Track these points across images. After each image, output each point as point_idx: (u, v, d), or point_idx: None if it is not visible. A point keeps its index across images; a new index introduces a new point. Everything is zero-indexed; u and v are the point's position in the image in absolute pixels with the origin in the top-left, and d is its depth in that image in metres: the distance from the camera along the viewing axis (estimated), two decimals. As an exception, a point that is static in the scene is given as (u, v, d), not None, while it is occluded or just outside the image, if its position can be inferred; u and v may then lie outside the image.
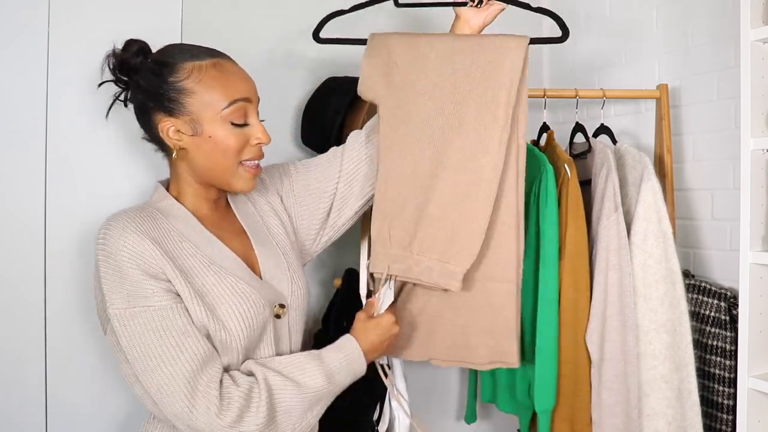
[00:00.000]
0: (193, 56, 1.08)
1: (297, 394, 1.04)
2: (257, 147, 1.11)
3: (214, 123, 1.06)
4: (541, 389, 1.43)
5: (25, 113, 1.34)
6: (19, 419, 1.33)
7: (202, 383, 0.98)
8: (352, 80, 1.59)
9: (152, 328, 0.99)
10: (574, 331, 1.43)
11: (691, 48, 1.63)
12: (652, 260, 1.40)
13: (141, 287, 0.99)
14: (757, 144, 1.26)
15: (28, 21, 1.34)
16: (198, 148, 1.08)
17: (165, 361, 0.98)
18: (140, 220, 1.04)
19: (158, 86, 1.06)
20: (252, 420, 0.99)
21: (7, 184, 1.33)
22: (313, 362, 1.09)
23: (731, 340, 1.43)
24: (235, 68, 1.11)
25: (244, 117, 1.08)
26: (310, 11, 1.72)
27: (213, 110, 1.06)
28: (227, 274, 1.07)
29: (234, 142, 1.07)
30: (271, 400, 1.01)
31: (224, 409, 0.98)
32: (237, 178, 1.10)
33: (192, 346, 0.99)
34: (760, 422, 1.27)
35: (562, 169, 1.47)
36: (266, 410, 1.00)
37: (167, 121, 1.07)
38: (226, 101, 1.06)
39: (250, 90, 1.10)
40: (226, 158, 1.08)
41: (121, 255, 0.99)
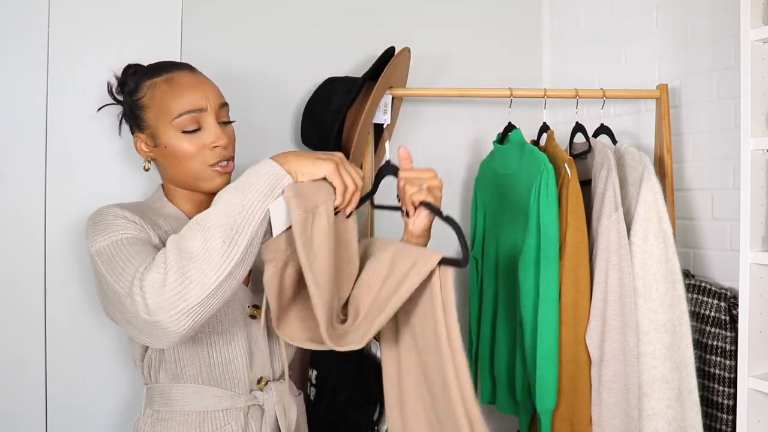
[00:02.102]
0: (152, 74, 1.16)
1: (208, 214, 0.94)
2: (216, 150, 1.14)
3: (168, 133, 1.13)
4: (541, 389, 1.43)
5: (25, 113, 1.34)
6: (19, 419, 1.33)
7: (139, 273, 0.93)
8: (352, 80, 1.60)
9: (117, 249, 0.99)
10: (575, 331, 1.43)
11: (691, 48, 1.63)
12: (652, 260, 1.40)
13: (116, 224, 1.03)
14: (757, 144, 1.26)
15: (28, 22, 1.34)
16: (162, 157, 1.15)
17: (125, 264, 0.95)
18: (130, 207, 1.11)
19: (128, 105, 1.18)
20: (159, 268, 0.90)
21: (7, 183, 1.33)
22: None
23: (731, 340, 1.43)
24: (190, 80, 1.15)
25: (196, 124, 1.13)
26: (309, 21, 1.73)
27: (165, 122, 1.13)
28: None
29: (189, 148, 1.12)
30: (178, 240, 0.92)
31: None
32: (204, 180, 1.15)
33: (147, 252, 0.97)
34: (760, 422, 1.27)
35: (562, 169, 1.47)
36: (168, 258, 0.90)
37: (137, 135, 1.18)
38: (175, 113, 1.12)
39: (201, 99, 1.13)
40: (187, 163, 1.13)
41: (104, 214, 1.06)
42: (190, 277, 0.87)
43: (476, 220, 1.78)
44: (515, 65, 2.03)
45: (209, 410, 1.11)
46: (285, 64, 1.66)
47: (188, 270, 0.87)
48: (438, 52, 1.89)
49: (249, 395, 1.14)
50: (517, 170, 1.58)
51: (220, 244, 0.89)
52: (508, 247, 1.61)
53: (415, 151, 1.87)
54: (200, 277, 0.88)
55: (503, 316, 1.62)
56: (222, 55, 1.55)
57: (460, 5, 1.93)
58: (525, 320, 1.46)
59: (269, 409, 1.15)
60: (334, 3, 1.73)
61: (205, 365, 1.11)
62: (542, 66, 2.09)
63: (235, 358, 1.13)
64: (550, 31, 2.08)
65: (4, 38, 1.32)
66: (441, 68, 1.89)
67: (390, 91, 1.63)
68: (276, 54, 1.65)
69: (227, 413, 1.12)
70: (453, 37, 1.92)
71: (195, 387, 1.12)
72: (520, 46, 2.05)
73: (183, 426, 1.10)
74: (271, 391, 1.16)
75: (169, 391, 1.12)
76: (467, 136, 1.94)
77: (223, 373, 1.13)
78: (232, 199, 0.93)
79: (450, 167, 1.93)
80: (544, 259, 1.43)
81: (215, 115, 1.14)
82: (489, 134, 1.82)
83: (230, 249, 0.90)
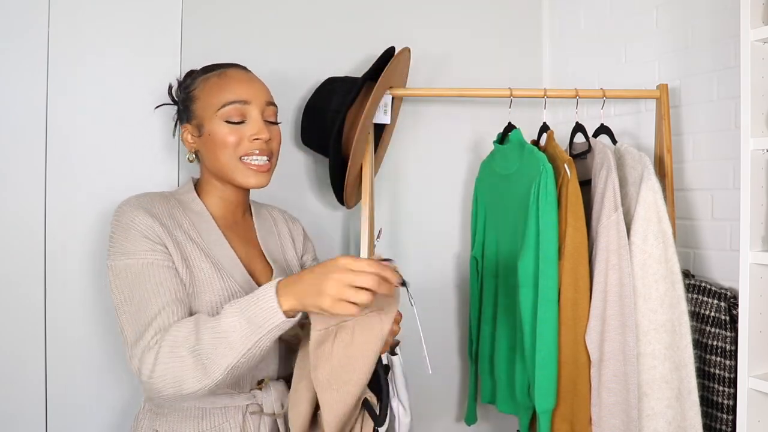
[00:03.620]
0: (208, 71, 1.22)
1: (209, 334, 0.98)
2: (255, 142, 1.17)
3: (213, 122, 1.16)
4: (541, 389, 1.43)
5: (25, 113, 1.34)
6: (19, 419, 1.33)
7: (148, 335, 0.99)
8: (352, 80, 1.60)
9: (136, 276, 1.04)
10: (574, 331, 1.43)
11: (691, 48, 1.63)
12: (652, 260, 1.40)
13: (137, 245, 1.07)
14: (757, 144, 1.26)
15: (28, 22, 1.34)
16: (204, 146, 1.19)
17: (142, 304, 1.02)
18: (155, 203, 1.14)
19: (182, 99, 1.23)
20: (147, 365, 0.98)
21: (7, 183, 1.33)
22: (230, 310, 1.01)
23: (731, 340, 1.43)
24: (240, 75, 1.20)
25: (240, 116, 1.17)
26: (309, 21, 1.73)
27: (211, 111, 1.17)
28: (222, 269, 1.13)
29: (231, 137, 1.16)
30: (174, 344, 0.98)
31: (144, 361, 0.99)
32: (237, 172, 1.17)
33: (160, 296, 1.03)
34: (760, 422, 1.27)
35: (562, 169, 1.47)
36: (160, 356, 0.97)
37: (185, 127, 1.22)
38: (222, 103, 1.16)
39: (250, 92, 1.18)
40: (226, 153, 1.16)
41: (130, 222, 1.08)
42: (188, 382, 0.96)
43: (476, 220, 1.78)
44: (515, 65, 2.03)
45: (208, 407, 1.11)
46: (285, 64, 1.66)
47: (190, 377, 0.96)
48: (438, 52, 1.89)
49: (248, 394, 1.14)
50: (517, 170, 1.58)
51: (225, 366, 0.95)
52: (507, 247, 1.61)
53: (416, 151, 1.89)
54: (196, 384, 0.96)
55: (503, 316, 1.62)
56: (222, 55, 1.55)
57: (460, 5, 1.93)
58: (525, 320, 1.46)
59: (268, 408, 1.15)
60: (334, 3, 1.73)
61: None
62: (542, 66, 2.09)
63: None
64: (550, 31, 2.08)
65: (4, 38, 1.32)
66: (441, 68, 1.89)
67: (390, 91, 1.63)
68: (276, 54, 1.65)
69: (226, 411, 1.12)
70: (453, 37, 1.92)
71: None
72: (520, 46, 2.05)
73: (181, 421, 1.10)
74: (270, 390, 1.16)
75: None
76: (467, 136, 1.94)
77: None
78: (241, 328, 0.95)
79: (450, 167, 1.93)
80: (544, 259, 1.43)
81: (261, 110, 1.18)
82: (489, 134, 1.83)
83: (234, 370, 0.96)
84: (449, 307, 1.94)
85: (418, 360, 1.85)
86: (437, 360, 1.92)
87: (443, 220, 1.92)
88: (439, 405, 1.94)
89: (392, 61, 1.53)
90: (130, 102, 1.44)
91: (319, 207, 1.73)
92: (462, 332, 1.95)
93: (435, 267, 1.91)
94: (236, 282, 1.13)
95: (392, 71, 1.56)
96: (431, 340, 1.91)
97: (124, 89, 1.43)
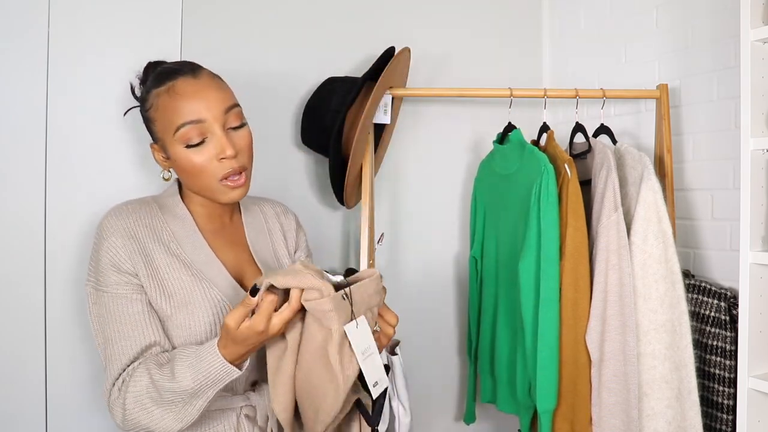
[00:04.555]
0: (158, 83, 1.11)
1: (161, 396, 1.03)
2: (226, 161, 1.08)
3: (173, 146, 1.09)
4: (542, 389, 1.43)
5: (25, 113, 1.34)
6: (19, 419, 1.33)
7: (115, 387, 1.05)
8: (352, 80, 1.60)
9: (107, 310, 1.07)
10: (574, 331, 1.43)
11: (691, 48, 1.63)
12: (652, 260, 1.40)
13: (108, 277, 1.08)
14: (757, 144, 1.26)
15: (28, 21, 1.34)
16: (178, 170, 1.13)
17: (109, 342, 1.07)
18: (135, 215, 1.12)
19: (142, 116, 1.16)
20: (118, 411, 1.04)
21: (7, 183, 1.33)
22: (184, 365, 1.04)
23: (731, 340, 1.43)
24: (188, 88, 1.08)
25: (199, 136, 1.07)
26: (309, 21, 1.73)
27: (169, 135, 1.09)
28: (203, 279, 1.11)
29: (197, 162, 1.08)
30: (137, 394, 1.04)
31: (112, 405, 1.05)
32: (219, 193, 1.11)
33: (134, 336, 1.06)
34: (760, 422, 1.27)
35: (562, 169, 1.47)
36: (127, 403, 1.03)
37: (153, 147, 1.16)
38: (175, 126, 1.07)
39: (202, 108, 1.07)
40: (199, 178, 1.09)
41: (104, 248, 1.09)
42: (159, 428, 1.02)
43: (476, 220, 1.78)
44: (515, 65, 2.03)
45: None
46: (285, 64, 1.66)
47: (161, 425, 1.01)
48: (438, 52, 1.89)
49: (242, 396, 1.14)
50: (517, 170, 1.58)
51: (192, 415, 1.02)
52: (508, 247, 1.61)
53: (416, 151, 1.88)
54: (169, 428, 1.02)
55: (503, 316, 1.62)
56: (222, 55, 1.55)
57: (460, 5, 1.93)
58: (525, 320, 1.46)
59: (261, 410, 1.14)
60: (334, 3, 1.73)
61: None
62: (542, 66, 2.09)
63: None
64: (550, 31, 2.08)
65: (4, 38, 1.32)
66: (441, 68, 1.89)
67: (390, 91, 1.63)
68: (276, 54, 1.65)
69: (220, 413, 1.11)
70: (453, 37, 1.92)
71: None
72: (520, 46, 2.05)
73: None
74: (264, 392, 1.15)
75: None
76: (467, 136, 1.94)
77: None
78: (194, 385, 0.99)
79: (450, 167, 1.93)
80: (544, 259, 1.43)
81: (221, 122, 1.08)
82: (489, 134, 1.83)
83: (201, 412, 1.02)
84: (449, 307, 1.94)
85: (418, 359, 1.85)
86: (437, 360, 1.92)
87: (443, 220, 1.92)
88: (438, 404, 1.94)
89: (392, 61, 1.53)
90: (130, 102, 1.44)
91: (319, 207, 1.73)
92: (461, 332, 1.95)
93: (434, 266, 1.91)
94: (219, 290, 1.11)
95: (392, 71, 1.56)
96: (431, 339, 1.92)
97: (124, 89, 1.43)
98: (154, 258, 1.09)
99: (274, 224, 1.29)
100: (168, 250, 1.11)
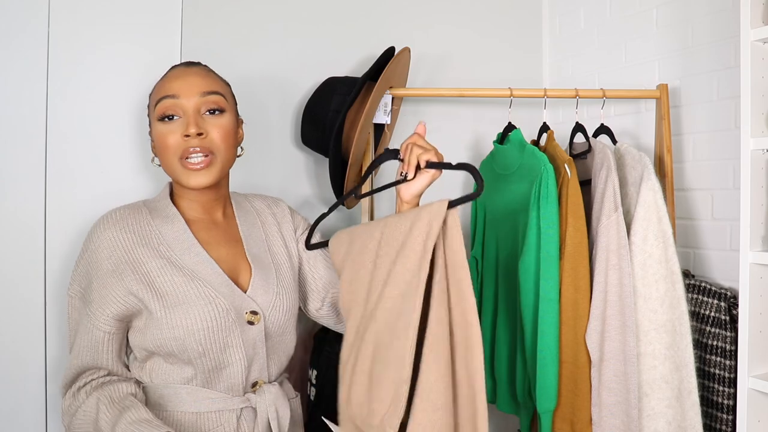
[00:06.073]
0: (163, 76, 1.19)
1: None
2: (187, 140, 1.11)
3: (154, 124, 1.15)
4: (543, 389, 1.43)
5: (25, 113, 1.34)
6: (19, 419, 1.33)
7: (68, 395, 1.13)
8: (353, 80, 1.60)
9: (76, 322, 1.15)
10: (574, 331, 1.43)
11: (691, 48, 1.63)
12: (652, 260, 1.40)
13: (88, 294, 1.13)
14: (757, 144, 1.26)
15: (28, 22, 1.34)
16: (155, 150, 1.17)
17: (74, 345, 1.15)
18: (122, 224, 1.14)
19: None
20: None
21: (7, 183, 1.33)
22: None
23: (731, 340, 1.43)
24: (178, 71, 1.16)
25: (171, 111, 1.12)
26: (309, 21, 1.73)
27: (152, 114, 1.15)
28: (195, 278, 1.11)
29: (165, 137, 1.12)
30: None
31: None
32: (181, 175, 1.14)
33: (90, 357, 1.13)
34: (760, 422, 1.27)
35: (562, 169, 1.47)
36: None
37: (150, 134, 1.20)
38: (155, 102, 1.14)
39: (181, 86, 1.12)
40: (168, 155, 1.13)
41: (87, 265, 1.14)
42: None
43: (476, 220, 1.78)
44: (515, 65, 2.03)
45: (202, 411, 1.11)
46: (285, 64, 1.66)
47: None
48: (438, 52, 1.89)
49: (242, 397, 1.14)
50: (517, 170, 1.58)
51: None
52: (508, 247, 1.61)
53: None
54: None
55: (503, 316, 1.62)
56: (222, 55, 1.55)
57: (460, 5, 1.93)
58: (525, 320, 1.46)
59: (262, 411, 1.14)
60: (334, 3, 1.73)
61: (201, 369, 1.11)
62: (542, 66, 2.09)
63: (231, 364, 1.12)
64: (550, 31, 2.08)
65: (4, 38, 1.32)
66: (441, 68, 1.89)
67: (390, 91, 1.63)
68: (276, 54, 1.65)
69: (220, 415, 1.11)
70: (453, 37, 1.92)
71: (189, 389, 1.11)
72: (520, 46, 2.05)
73: (175, 426, 1.10)
74: (264, 393, 1.15)
75: (162, 392, 1.12)
76: (467, 136, 1.94)
77: (218, 377, 1.12)
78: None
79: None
80: (544, 259, 1.43)
81: (195, 103, 1.12)
82: (489, 134, 1.83)
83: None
84: (449, 307, 1.94)
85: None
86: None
87: (443, 220, 1.92)
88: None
89: (392, 61, 1.53)
90: (130, 102, 1.44)
91: (319, 207, 1.73)
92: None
93: (435, 267, 1.91)
94: (213, 288, 1.11)
95: (392, 71, 1.56)
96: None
97: (124, 89, 1.43)
98: (144, 262, 1.11)
99: (267, 217, 1.29)
100: (158, 254, 1.12)
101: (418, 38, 1.81)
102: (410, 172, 1.11)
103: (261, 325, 1.15)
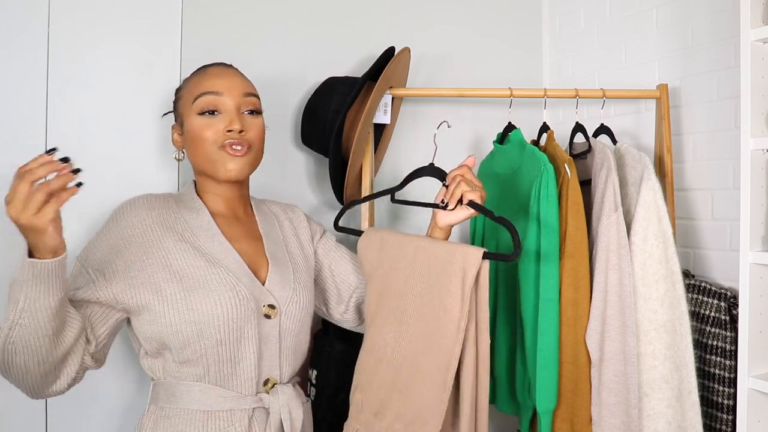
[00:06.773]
0: (194, 72, 1.24)
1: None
2: (229, 134, 1.16)
3: (190, 117, 1.19)
4: (542, 389, 1.42)
5: (25, 113, 1.34)
6: (19, 419, 1.33)
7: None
8: (353, 80, 1.60)
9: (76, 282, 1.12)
10: (574, 331, 1.43)
11: (691, 48, 1.63)
12: (652, 260, 1.40)
13: (113, 262, 1.12)
14: (757, 144, 1.26)
15: (28, 21, 1.34)
16: (187, 142, 1.20)
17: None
18: (150, 205, 1.18)
19: (173, 101, 1.27)
20: None
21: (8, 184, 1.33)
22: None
23: (731, 340, 1.43)
24: (218, 70, 1.21)
25: (213, 107, 1.17)
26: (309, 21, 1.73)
27: (188, 106, 1.19)
28: (218, 265, 1.14)
29: (205, 130, 1.16)
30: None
31: None
32: (218, 163, 1.17)
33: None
34: (760, 422, 1.27)
35: (562, 169, 1.47)
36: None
37: (174, 127, 1.26)
38: (195, 95, 1.18)
39: (224, 84, 1.18)
40: (203, 146, 1.17)
41: (122, 232, 1.14)
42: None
43: (476, 219, 1.78)
44: (515, 65, 2.03)
45: (213, 410, 1.10)
46: (285, 64, 1.66)
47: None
48: (438, 52, 1.89)
49: (255, 397, 1.13)
50: (517, 170, 1.58)
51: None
52: (508, 247, 1.61)
53: (416, 150, 1.88)
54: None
55: (503, 316, 1.62)
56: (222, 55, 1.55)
57: (460, 5, 1.93)
58: (525, 320, 1.46)
59: (274, 412, 1.14)
60: (334, 3, 1.73)
61: (213, 361, 1.10)
62: (542, 66, 2.09)
63: (244, 357, 1.12)
64: (550, 31, 2.08)
65: (4, 38, 1.32)
66: (441, 68, 1.89)
67: (390, 91, 1.63)
68: (276, 54, 1.65)
69: (232, 414, 1.11)
70: (453, 37, 1.92)
71: (201, 386, 1.11)
72: (520, 46, 2.05)
73: (186, 424, 1.09)
74: (278, 394, 1.15)
75: (174, 389, 1.12)
76: (467, 136, 1.94)
77: (230, 372, 1.12)
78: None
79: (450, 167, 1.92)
80: (544, 259, 1.43)
81: (237, 102, 1.18)
82: (489, 134, 1.83)
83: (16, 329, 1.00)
84: (449, 307, 1.94)
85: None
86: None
87: (443, 220, 1.92)
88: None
89: (392, 61, 1.53)
90: (130, 102, 1.44)
91: (319, 207, 1.73)
92: (462, 332, 1.95)
93: (435, 267, 1.91)
94: (233, 275, 1.13)
95: (392, 71, 1.56)
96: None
97: (124, 89, 1.43)
98: (163, 245, 1.13)
99: (285, 221, 1.34)
100: (181, 238, 1.15)
101: (418, 38, 1.81)
102: (452, 204, 1.19)
103: (277, 320, 1.16)
